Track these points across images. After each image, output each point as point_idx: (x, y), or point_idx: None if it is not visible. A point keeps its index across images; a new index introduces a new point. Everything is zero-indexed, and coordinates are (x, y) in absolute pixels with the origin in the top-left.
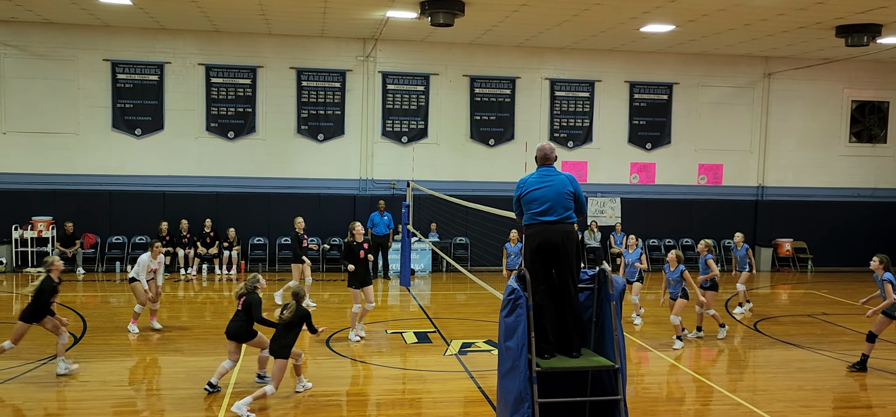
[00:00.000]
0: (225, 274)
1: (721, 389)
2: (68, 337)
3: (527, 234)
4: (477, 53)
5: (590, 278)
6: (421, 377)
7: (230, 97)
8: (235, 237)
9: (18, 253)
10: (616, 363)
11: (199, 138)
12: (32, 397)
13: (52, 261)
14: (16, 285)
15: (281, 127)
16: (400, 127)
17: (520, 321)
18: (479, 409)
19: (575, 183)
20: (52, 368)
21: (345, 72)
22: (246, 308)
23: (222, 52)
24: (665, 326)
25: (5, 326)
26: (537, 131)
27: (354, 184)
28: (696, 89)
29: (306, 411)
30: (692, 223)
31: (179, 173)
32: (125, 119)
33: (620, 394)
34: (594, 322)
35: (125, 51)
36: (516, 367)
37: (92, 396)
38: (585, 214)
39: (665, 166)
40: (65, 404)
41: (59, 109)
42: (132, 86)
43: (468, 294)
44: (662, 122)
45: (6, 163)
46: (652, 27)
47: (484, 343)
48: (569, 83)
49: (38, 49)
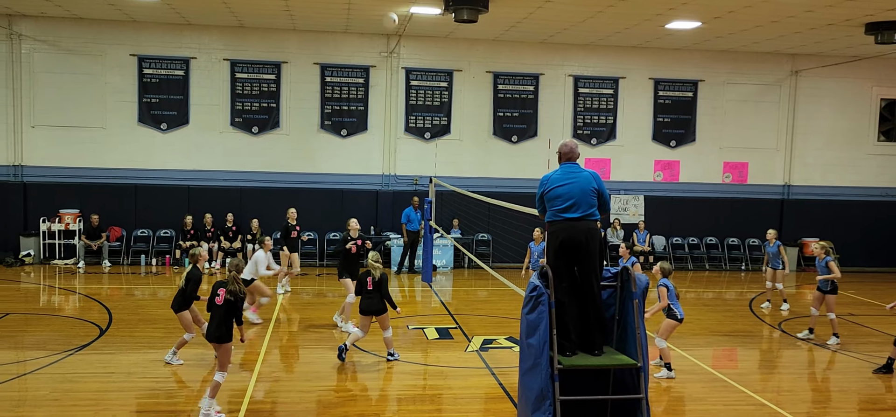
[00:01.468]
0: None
1: (744, 389)
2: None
3: (550, 231)
4: (500, 50)
5: (612, 276)
6: (442, 373)
7: (254, 92)
8: (259, 229)
9: (46, 246)
10: (639, 361)
11: (224, 133)
12: (59, 388)
13: (197, 253)
14: (43, 276)
15: (304, 122)
16: (423, 123)
17: (542, 318)
18: (500, 406)
19: (599, 180)
20: (78, 360)
21: (368, 67)
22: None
23: (247, 48)
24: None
25: (34, 317)
26: (560, 128)
27: (377, 179)
28: (721, 86)
29: (327, 406)
30: (716, 222)
31: (204, 168)
32: (151, 113)
33: (643, 393)
34: (617, 320)
35: (152, 46)
36: (538, 364)
37: (116, 388)
38: (609, 212)
39: (689, 164)
40: (90, 395)
41: (87, 104)
42: (158, 81)
43: (490, 290)
44: (687, 120)
45: (35, 157)
46: (677, 24)
47: (505, 339)
48: (593, 80)
49: (67, 44)
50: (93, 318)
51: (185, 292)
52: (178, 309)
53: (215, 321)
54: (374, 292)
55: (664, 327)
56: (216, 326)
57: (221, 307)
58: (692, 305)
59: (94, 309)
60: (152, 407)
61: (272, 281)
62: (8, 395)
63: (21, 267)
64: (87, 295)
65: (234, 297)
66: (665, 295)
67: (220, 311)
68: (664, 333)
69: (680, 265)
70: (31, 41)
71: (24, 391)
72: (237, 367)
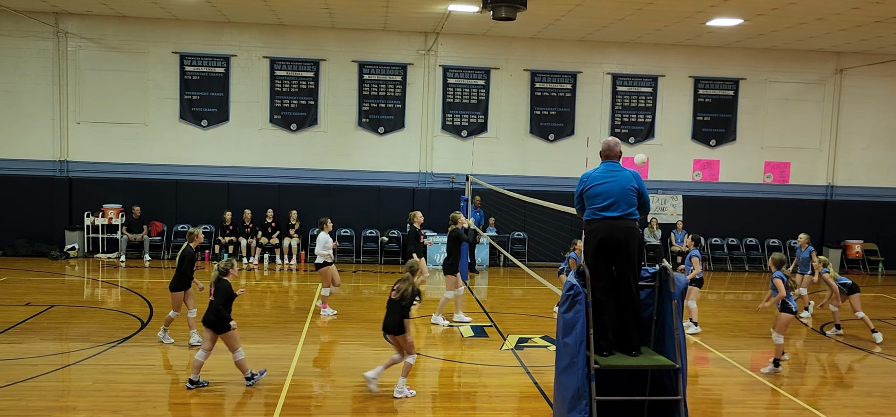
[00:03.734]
0: (286, 264)
1: (784, 392)
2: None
3: (588, 230)
4: (538, 48)
5: (651, 276)
6: (476, 371)
7: (293, 90)
8: (297, 221)
9: (90, 240)
10: (677, 363)
11: (263, 130)
12: (101, 379)
13: (195, 233)
14: (87, 269)
15: (342, 119)
16: (460, 121)
17: (578, 317)
18: (535, 405)
19: (639, 179)
20: (120, 352)
21: (406, 65)
22: (216, 295)
23: (286, 46)
24: (725, 328)
25: (78, 309)
26: (598, 126)
27: (414, 177)
28: (763, 85)
29: (363, 401)
30: (757, 222)
31: (243, 164)
32: (192, 110)
33: (681, 395)
34: (654, 320)
35: (193, 44)
36: (574, 364)
37: (157, 380)
38: (648, 212)
39: (729, 163)
40: (132, 387)
41: (130, 100)
42: (199, 79)
43: (525, 289)
44: (728, 119)
45: (79, 152)
46: (719, 21)
47: (541, 338)
48: (631, 78)
49: (112, 42)
50: (134, 311)
51: (181, 271)
52: (174, 289)
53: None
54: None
55: (781, 321)
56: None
57: (213, 300)
58: (731, 307)
59: (136, 303)
60: (191, 399)
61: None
62: (53, 385)
63: (66, 260)
64: (129, 289)
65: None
66: (781, 286)
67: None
68: (781, 328)
69: (719, 266)
70: (77, 39)
71: (68, 381)
72: (273, 360)
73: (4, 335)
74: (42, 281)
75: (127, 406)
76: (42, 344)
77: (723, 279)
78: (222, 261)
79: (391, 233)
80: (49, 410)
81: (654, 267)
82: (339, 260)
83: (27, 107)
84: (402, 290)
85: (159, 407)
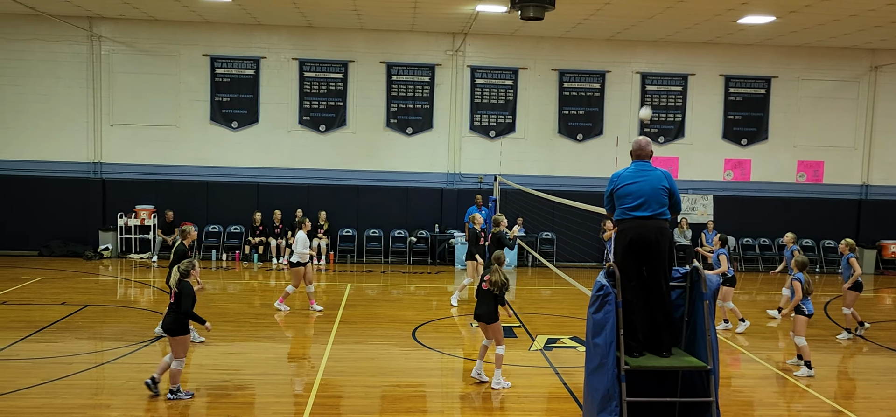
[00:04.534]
0: (315, 265)
1: (818, 395)
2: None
3: (618, 229)
4: (566, 47)
5: (682, 276)
6: (505, 371)
7: (322, 91)
8: (326, 221)
9: (123, 240)
10: (709, 364)
11: (292, 131)
12: (134, 377)
13: (188, 231)
14: (120, 270)
15: (371, 120)
16: (488, 121)
17: (608, 317)
18: (564, 406)
19: (671, 179)
20: (152, 351)
21: (434, 66)
22: (177, 297)
23: (315, 47)
24: (757, 329)
25: (111, 309)
26: (627, 126)
27: (442, 177)
28: (795, 83)
29: (392, 401)
30: (790, 222)
31: (273, 165)
32: (222, 112)
33: (713, 396)
34: (686, 321)
35: (223, 46)
36: (604, 364)
37: (189, 379)
38: (680, 212)
39: (761, 163)
40: (164, 385)
41: (162, 103)
42: (229, 81)
43: (553, 289)
44: (759, 117)
45: (112, 154)
46: (750, 19)
47: (569, 339)
48: (661, 77)
49: (144, 45)
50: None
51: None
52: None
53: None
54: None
55: (799, 324)
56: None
57: (172, 303)
58: (763, 308)
59: (167, 303)
60: (223, 397)
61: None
62: (87, 383)
63: (100, 260)
64: (161, 289)
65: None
66: (798, 288)
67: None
68: (800, 330)
69: (751, 266)
70: (110, 42)
71: (102, 379)
72: (303, 360)
73: (40, 333)
74: (77, 280)
75: (159, 405)
76: (77, 343)
77: (754, 279)
78: (184, 263)
79: (419, 234)
80: (84, 408)
81: (685, 268)
82: (368, 260)
83: (62, 109)
84: (493, 281)
85: (191, 406)
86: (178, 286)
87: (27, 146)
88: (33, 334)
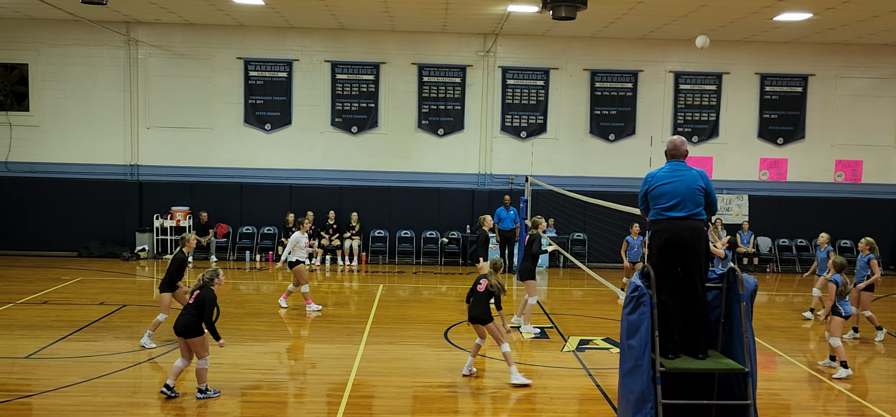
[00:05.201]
0: (347, 265)
1: (858, 398)
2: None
3: (653, 230)
4: (598, 47)
5: (718, 277)
6: (537, 372)
7: (354, 93)
8: (358, 223)
9: (159, 241)
10: (746, 366)
11: (325, 133)
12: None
13: (187, 238)
14: (156, 270)
15: (402, 121)
16: (519, 121)
17: (643, 319)
18: (597, 407)
19: (707, 179)
20: None
21: (465, 67)
22: (198, 303)
23: (347, 49)
24: (794, 331)
25: (148, 309)
26: (660, 126)
27: (473, 178)
28: (833, 81)
29: (424, 401)
30: (827, 222)
31: (305, 166)
32: (256, 114)
33: (750, 399)
34: (722, 323)
35: (257, 49)
36: (639, 366)
37: (225, 378)
38: (715, 212)
39: (798, 162)
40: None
41: (196, 105)
42: (263, 83)
43: (585, 290)
44: (796, 116)
45: (149, 156)
46: (786, 16)
47: (602, 340)
48: (694, 76)
49: (179, 49)
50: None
51: (168, 273)
52: (163, 290)
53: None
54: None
55: (834, 324)
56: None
57: (191, 304)
58: (799, 310)
59: None
60: (257, 398)
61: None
62: (125, 382)
63: (136, 261)
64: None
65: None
66: (833, 290)
67: (191, 307)
68: (835, 331)
69: (787, 268)
70: (147, 47)
71: (139, 378)
72: (335, 360)
73: (80, 333)
74: (114, 281)
75: (195, 404)
76: (115, 342)
77: (791, 281)
78: (208, 271)
79: (451, 235)
80: (122, 406)
81: (721, 269)
82: (400, 261)
83: (100, 113)
84: (492, 283)
85: (226, 405)
86: (200, 290)
87: (67, 149)
88: (73, 333)
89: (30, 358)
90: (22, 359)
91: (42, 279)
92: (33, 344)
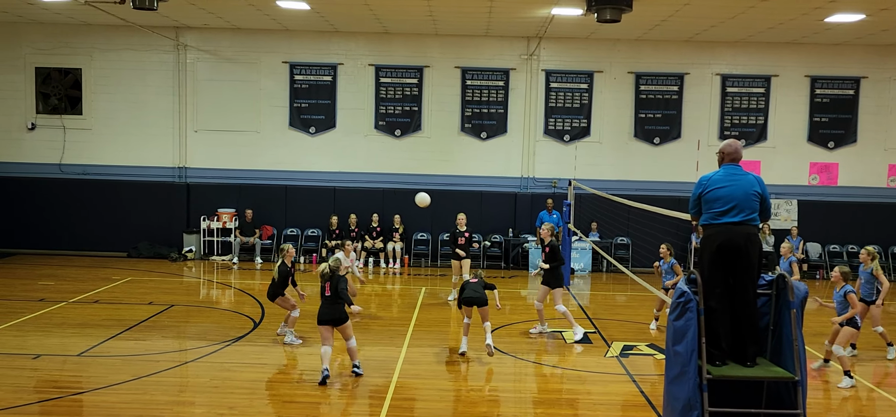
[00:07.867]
0: (390, 268)
1: None
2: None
3: (705, 234)
4: (643, 49)
5: (767, 284)
6: (580, 377)
7: (398, 96)
8: (401, 225)
9: (205, 243)
10: (796, 374)
11: (368, 136)
12: (217, 376)
13: (285, 248)
14: (203, 271)
15: (445, 125)
16: (562, 125)
17: (690, 325)
18: (641, 414)
19: (762, 184)
20: (234, 350)
21: (508, 70)
22: (334, 290)
23: (391, 53)
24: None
25: (195, 309)
26: (706, 129)
27: (516, 181)
28: (887, 83)
29: (469, 405)
30: (880, 228)
31: (349, 169)
32: (301, 118)
33: (800, 408)
34: (771, 330)
35: (302, 53)
36: (685, 373)
37: (270, 378)
38: (770, 218)
39: (849, 166)
40: (246, 384)
41: (243, 109)
42: (308, 87)
43: (628, 295)
44: (847, 119)
45: (196, 159)
46: (838, 17)
47: (646, 346)
48: (742, 78)
49: (226, 53)
50: (247, 312)
51: (275, 283)
52: (272, 298)
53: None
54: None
55: (844, 334)
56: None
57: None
58: None
59: (248, 304)
60: (302, 398)
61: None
62: (173, 380)
63: (184, 262)
64: (242, 290)
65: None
66: (855, 300)
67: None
68: (843, 341)
69: None
70: (195, 51)
71: (186, 377)
72: (378, 362)
73: (129, 332)
74: (162, 281)
75: (241, 403)
76: (163, 342)
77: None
78: (332, 259)
79: (493, 238)
80: (170, 404)
81: (771, 275)
82: (442, 264)
83: (150, 116)
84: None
85: (272, 404)
86: (331, 279)
87: (117, 152)
88: (123, 332)
89: (81, 356)
90: (74, 357)
91: (93, 278)
92: (85, 341)
